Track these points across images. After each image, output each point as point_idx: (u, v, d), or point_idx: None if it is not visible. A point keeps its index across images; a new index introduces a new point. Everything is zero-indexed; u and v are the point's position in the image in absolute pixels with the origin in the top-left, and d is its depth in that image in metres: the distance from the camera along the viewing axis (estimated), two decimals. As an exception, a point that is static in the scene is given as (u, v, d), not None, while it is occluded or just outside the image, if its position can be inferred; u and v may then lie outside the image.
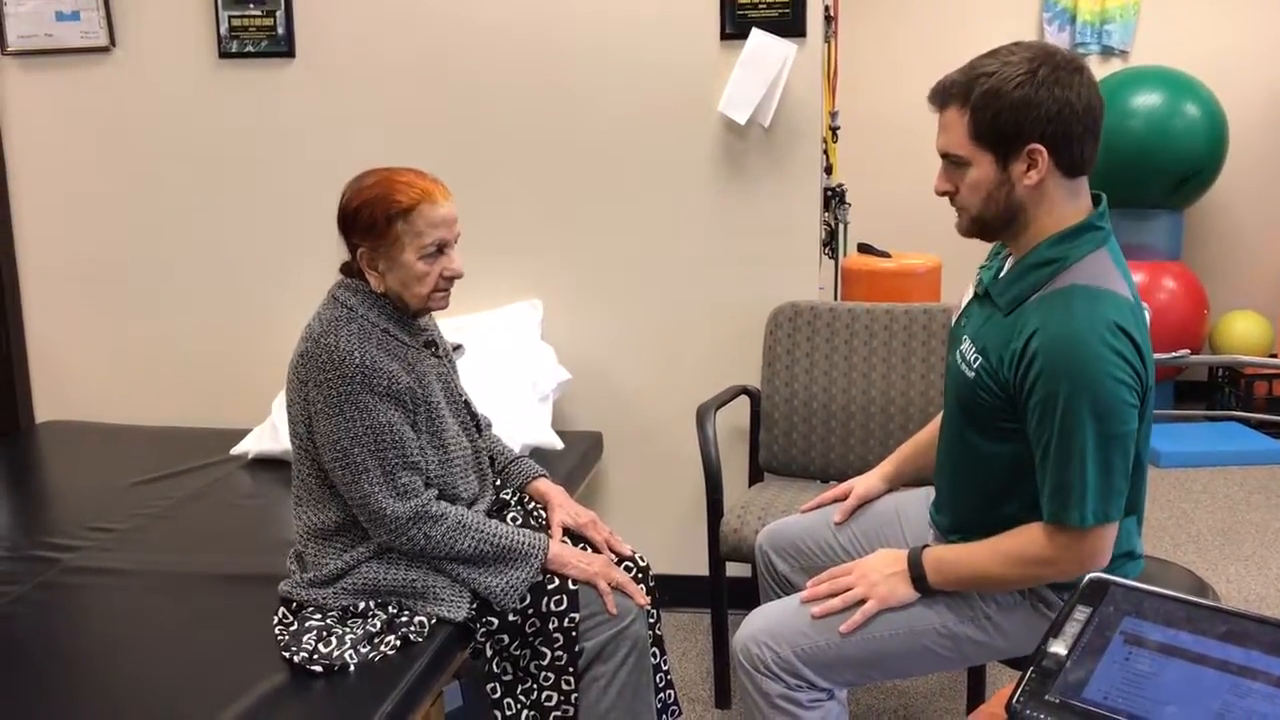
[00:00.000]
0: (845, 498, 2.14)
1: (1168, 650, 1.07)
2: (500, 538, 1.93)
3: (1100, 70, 5.53)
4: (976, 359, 1.74)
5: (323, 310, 1.94)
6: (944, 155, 1.71)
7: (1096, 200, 1.74)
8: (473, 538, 1.91)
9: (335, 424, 1.85)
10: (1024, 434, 1.69)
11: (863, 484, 2.14)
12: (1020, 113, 1.61)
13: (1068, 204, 1.69)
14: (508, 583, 1.91)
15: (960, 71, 1.68)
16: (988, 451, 1.77)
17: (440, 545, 1.89)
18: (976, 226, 1.74)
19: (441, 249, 1.92)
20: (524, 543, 1.95)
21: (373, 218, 1.88)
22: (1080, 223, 1.69)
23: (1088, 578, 1.16)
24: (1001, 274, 1.77)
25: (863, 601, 1.79)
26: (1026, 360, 1.63)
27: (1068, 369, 1.58)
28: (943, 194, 1.75)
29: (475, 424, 2.16)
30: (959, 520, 1.87)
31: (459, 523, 1.91)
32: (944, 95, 1.69)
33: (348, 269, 2.00)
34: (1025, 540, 1.70)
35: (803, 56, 2.95)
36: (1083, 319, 1.59)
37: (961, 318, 1.89)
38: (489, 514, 2.07)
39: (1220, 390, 5.32)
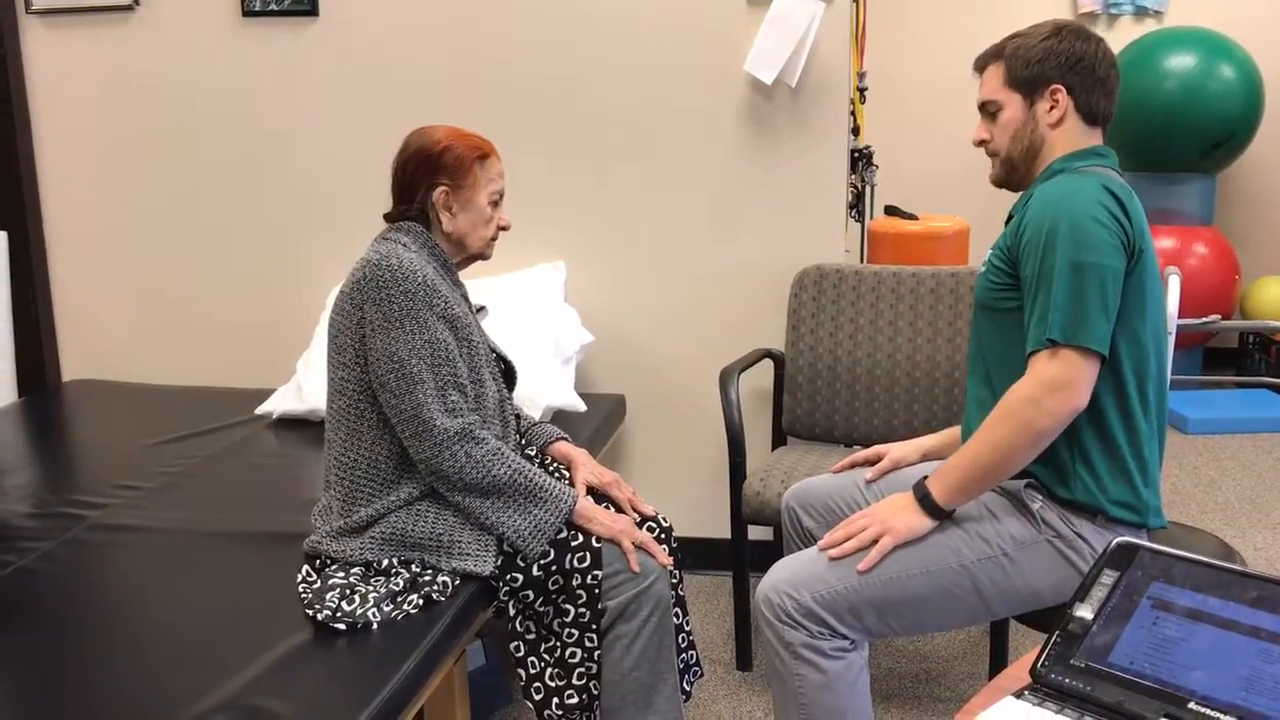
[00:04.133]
0: (876, 460, 2.18)
1: (1195, 615, 1.06)
2: (533, 474, 1.96)
3: (1134, 31, 5.43)
4: (991, 254, 1.93)
5: (376, 246, 1.99)
6: (982, 106, 1.96)
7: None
8: (510, 466, 1.94)
9: (394, 337, 1.90)
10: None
11: (898, 449, 2.19)
12: (1044, 59, 1.89)
13: (1082, 147, 1.91)
14: (535, 525, 1.93)
15: (998, 42, 1.97)
16: (997, 337, 1.89)
17: (479, 466, 1.92)
18: (1005, 169, 1.96)
19: (499, 199, 2.08)
20: (554, 486, 1.98)
21: (461, 158, 2.02)
22: (1087, 148, 1.90)
23: (1115, 541, 1.15)
24: None
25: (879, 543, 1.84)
26: (1024, 226, 1.82)
27: (1054, 211, 1.76)
28: (979, 143, 1.99)
29: (505, 376, 2.18)
30: (970, 431, 1.92)
31: (498, 449, 1.95)
32: (984, 59, 1.98)
33: (391, 218, 2.05)
34: (1006, 396, 1.77)
35: (831, 15, 2.92)
36: (1074, 183, 1.79)
37: None
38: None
39: (1251, 356, 5.26)
